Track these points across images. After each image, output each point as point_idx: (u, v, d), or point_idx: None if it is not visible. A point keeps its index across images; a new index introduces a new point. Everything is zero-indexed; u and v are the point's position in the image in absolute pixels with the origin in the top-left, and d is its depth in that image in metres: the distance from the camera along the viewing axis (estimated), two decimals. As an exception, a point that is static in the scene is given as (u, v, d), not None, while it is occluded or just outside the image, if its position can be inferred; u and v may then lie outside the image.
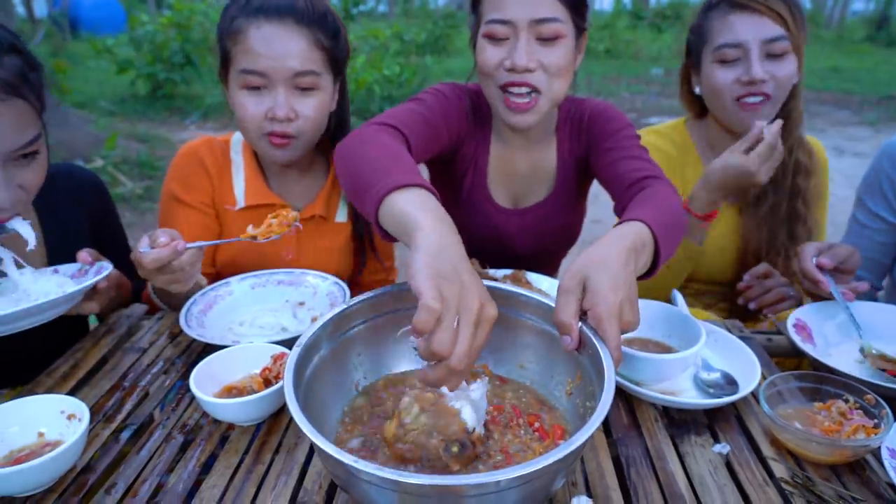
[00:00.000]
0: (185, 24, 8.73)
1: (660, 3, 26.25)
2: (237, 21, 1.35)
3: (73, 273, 1.27)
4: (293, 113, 1.37)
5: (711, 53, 1.54)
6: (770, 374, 1.12)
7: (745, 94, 1.50)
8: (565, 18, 1.29)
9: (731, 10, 1.51)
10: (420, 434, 0.78)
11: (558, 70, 1.31)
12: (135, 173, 5.71)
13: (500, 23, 1.28)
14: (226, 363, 1.06)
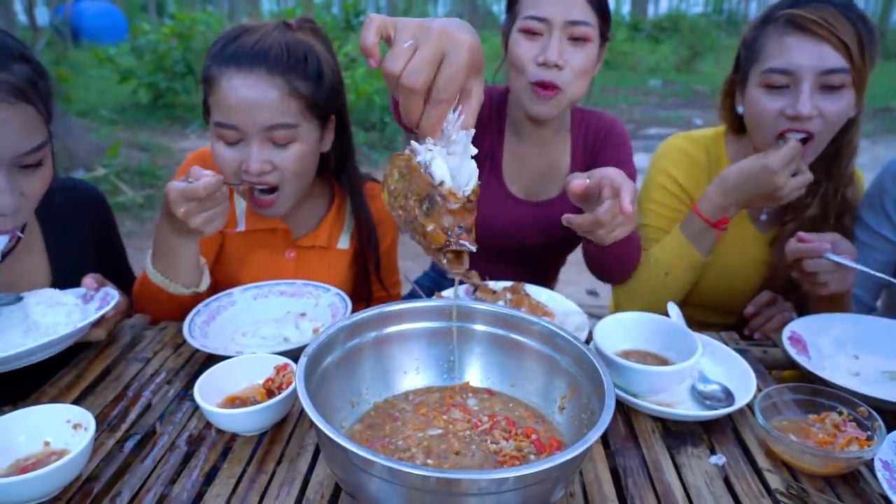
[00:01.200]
0: (187, 34, 8.78)
1: (658, 14, 26.44)
2: (211, 69, 1.32)
3: (78, 298, 1.28)
4: (268, 165, 1.33)
5: (759, 75, 1.38)
6: (766, 386, 1.14)
7: (788, 129, 1.35)
8: (594, 24, 1.45)
9: (789, 30, 1.33)
10: (400, 197, 0.79)
11: (582, 71, 1.46)
12: (136, 182, 5.74)
13: (538, 20, 1.43)
14: (229, 374, 1.07)
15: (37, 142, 1.13)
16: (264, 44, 1.30)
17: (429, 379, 1.03)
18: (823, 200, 1.50)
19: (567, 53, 1.43)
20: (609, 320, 1.18)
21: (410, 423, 0.93)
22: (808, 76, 1.31)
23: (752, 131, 1.45)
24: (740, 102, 1.50)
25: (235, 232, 1.52)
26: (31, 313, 1.21)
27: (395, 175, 0.81)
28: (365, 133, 7.67)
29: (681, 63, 15.64)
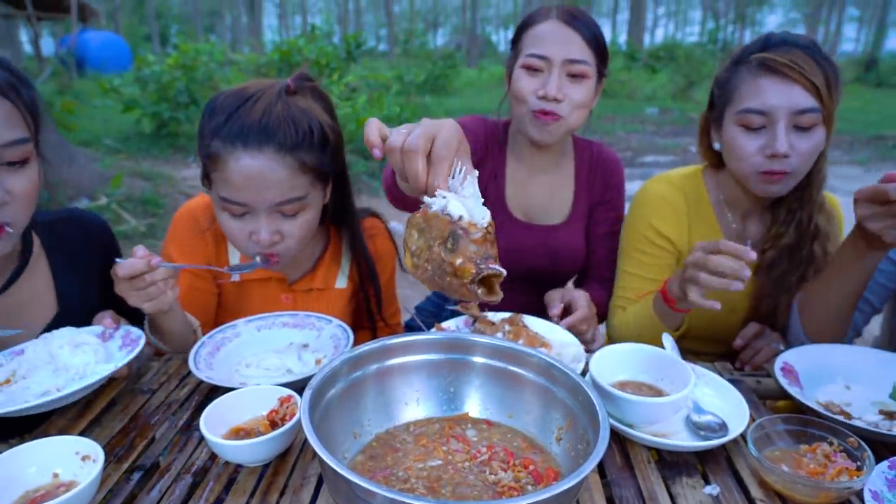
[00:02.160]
0: (191, 66, 8.93)
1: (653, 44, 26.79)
2: (215, 144, 1.28)
3: (97, 336, 1.31)
4: (277, 236, 1.34)
5: (735, 114, 1.44)
6: (759, 416, 1.16)
7: (767, 170, 1.41)
8: (592, 62, 1.58)
9: (762, 72, 1.40)
10: (423, 252, 0.84)
11: (579, 104, 1.59)
12: (138, 211, 5.79)
13: (539, 57, 1.57)
14: (233, 405, 1.09)
15: (16, 136, 1.16)
16: (270, 119, 1.27)
17: (429, 410, 1.06)
18: (798, 229, 1.55)
19: (566, 88, 1.57)
20: (605, 351, 1.21)
21: (411, 454, 0.96)
22: (783, 116, 1.37)
23: (733, 167, 1.51)
24: (717, 139, 1.56)
25: (230, 282, 1.55)
26: (56, 354, 1.23)
27: (414, 234, 0.87)
28: (365, 161, 7.74)
29: (677, 91, 15.87)
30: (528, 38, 1.61)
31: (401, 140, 0.86)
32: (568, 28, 1.56)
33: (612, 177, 1.81)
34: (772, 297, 1.58)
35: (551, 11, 1.60)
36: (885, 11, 25.58)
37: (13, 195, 1.18)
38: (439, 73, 15.59)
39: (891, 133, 10.68)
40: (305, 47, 9.49)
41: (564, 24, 1.56)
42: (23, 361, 1.24)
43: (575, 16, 1.58)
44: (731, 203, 1.64)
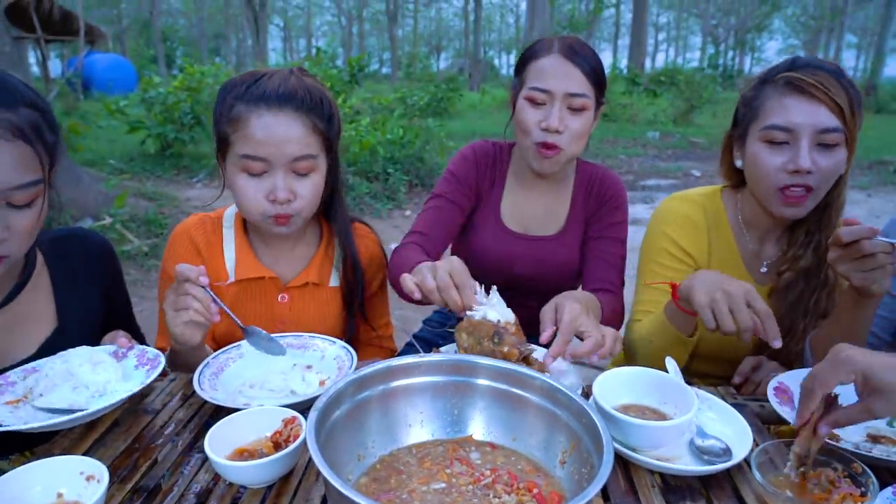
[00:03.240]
0: (196, 87, 9.03)
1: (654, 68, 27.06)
2: (237, 108, 1.41)
3: (110, 355, 1.32)
4: (292, 194, 1.44)
5: (759, 131, 1.47)
6: (763, 441, 1.16)
7: (790, 184, 1.43)
8: (591, 94, 1.67)
9: (788, 91, 1.43)
10: (475, 347, 1.19)
11: (579, 135, 1.68)
12: (142, 231, 5.82)
13: (541, 91, 1.65)
14: (237, 426, 1.10)
15: (27, 179, 1.17)
16: (288, 86, 1.43)
17: (433, 432, 1.06)
18: (816, 251, 1.55)
19: (567, 119, 1.65)
20: (608, 375, 1.21)
21: (415, 477, 0.96)
22: (807, 134, 1.40)
23: (754, 184, 1.53)
24: (739, 157, 1.58)
25: (226, 284, 1.58)
26: (76, 372, 1.24)
27: (464, 336, 1.22)
28: (368, 184, 7.79)
29: (678, 115, 15.98)
30: (531, 71, 1.69)
31: (434, 283, 1.23)
32: (569, 63, 1.63)
33: (610, 191, 1.85)
34: (783, 320, 1.54)
35: (553, 45, 1.67)
36: (882, 39, 25.88)
37: (13, 232, 1.20)
38: (442, 96, 15.74)
39: (891, 158, 10.74)
40: (309, 70, 9.59)
41: (566, 59, 1.64)
42: (39, 378, 1.25)
43: (576, 50, 1.65)
44: (749, 223, 1.65)
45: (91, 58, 18.23)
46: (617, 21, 56.63)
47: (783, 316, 1.57)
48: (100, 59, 19.07)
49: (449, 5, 61.99)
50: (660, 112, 16.47)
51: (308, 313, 1.64)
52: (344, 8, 55.80)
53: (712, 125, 15.14)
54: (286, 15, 59.81)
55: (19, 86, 1.21)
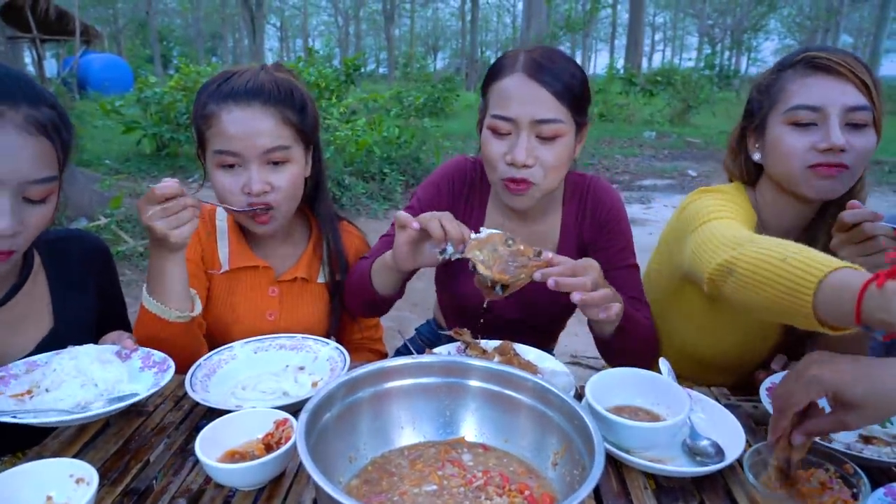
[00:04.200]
0: (192, 87, 9.01)
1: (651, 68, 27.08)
2: (209, 106, 1.46)
3: (114, 355, 1.32)
4: (268, 186, 1.46)
5: (782, 115, 1.39)
6: (755, 442, 1.16)
7: (821, 162, 1.35)
8: (566, 118, 1.39)
9: (810, 72, 1.36)
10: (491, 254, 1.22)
11: (554, 166, 1.41)
12: (136, 231, 5.80)
13: (504, 119, 1.39)
14: (229, 428, 1.09)
15: (45, 174, 1.20)
16: (256, 82, 1.46)
17: (425, 434, 1.05)
18: None
19: (537, 150, 1.39)
20: (601, 376, 1.21)
21: (407, 479, 0.95)
22: (836, 111, 1.33)
23: (779, 170, 1.44)
24: (757, 148, 1.49)
25: (220, 273, 1.62)
26: (85, 369, 1.24)
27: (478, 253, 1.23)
28: (364, 184, 7.78)
29: (674, 115, 16.01)
30: (493, 95, 1.43)
31: (430, 214, 1.26)
32: (534, 83, 1.36)
33: (608, 210, 1.60)
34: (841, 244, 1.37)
35: (517, 62, 1.40)
36: (877, 39, 25.99)
37: (26, 226, 1.21)
38: (438, 96, 15.74)
39: (887, 158, 10.76)
40: (304, 70, 9.59)
41: (530, 79, 1.36)
42: (46, 373, 1.24)
43: (542, 66, 1.37)
44: (766, 223, 1.56)
45: (87, 58, 18.18)
46: (614, 21, 56.72)
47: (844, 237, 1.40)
48: (96, 59, 19.04)
49: (446, 5, 62.03)
50: (656, 112, 16.49)
51: (297, 308, 1.67)
52: (340, 8, 55.77)
53: (709, 125, 15.18)
54: (283, 15, 59.76)
55: (39, 86, 1.25)
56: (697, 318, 1.60)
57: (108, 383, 1.22)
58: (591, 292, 1.19)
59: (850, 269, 0.96)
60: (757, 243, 1.16)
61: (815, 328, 0.99)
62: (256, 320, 1.62)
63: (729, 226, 1.33)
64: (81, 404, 1.18)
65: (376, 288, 1.48)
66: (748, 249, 1.15)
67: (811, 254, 1.03)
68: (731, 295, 1.19)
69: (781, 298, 1.03)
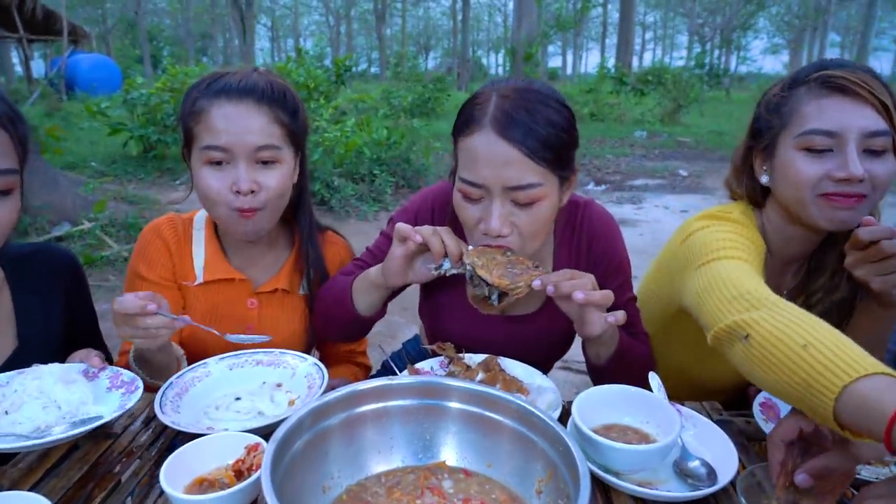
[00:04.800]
0: (179, 88, 8.92)
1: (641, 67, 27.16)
2: (199, 102, 1.41)
3: (80, 374, 1.27)
4: (256, 185, 1.40)
5: (794, 138, 1.28)
6: (748, 461, 1.12)
7: (837, 192, 1.24)
8: (545, 179, 1.20)
9: (825, 93, 1.25)
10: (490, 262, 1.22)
11: (534, 233, 1.26)
12: (121, 236, 5.72)
13: (473, 185, 1.22)
14: (198, 453, 1.03)
15: (6, 166, 1.17)
16: (250, 80, 1.43)
17: (404, 458, 1.00)
18: (850, 281, 1.37)
19: (514, 217, 1.23)
20: (588, 393, 1.16)
21: (383, 510, 0.90)
22: (853, 137, 1.22)
23: (787, 196, 1.34)
24: (765, 172, 1.39)
25: (194, 285, 1.56)
26: (48, 390, 1.18)
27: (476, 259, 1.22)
28: (354, 185, 7.72)
29: (665, 115, 16.02)
30: (462, 152, 1.24)
31: (431, 229, 1.25)
32: (505, 143, 1.16)
33: (604, 242, 1.46)
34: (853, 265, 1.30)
35: (485, 113, 1.20)
36: (865, 37, 26.13)
37: None
38: (430, 96, 15.68)
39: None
40: (294, 71, 9.51)
41: (499, 137, 1.17)
42: (6, 394, 1.19)
43: (514, 119, 1.17)
44: (772, 249, 1.45)
45: (75, 58, 18.01)
46: (604, 20, 56.86)
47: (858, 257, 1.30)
48: (84, 60, 18.84)
49: (437, 4, 61.98)
50: (647, 111, 16.51)
51: (276, 320, 1.61)
52: (332, 7, 55.61)
53: (699, 124, 15.20)
54: (273, 15, 59.54)
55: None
56: (696, 344, 1.48)
57: (72, 405, 1.17)
58: (592, 292, 1.16)
59: (883, 375, 0.83)
60: (776, 312, 1.02)
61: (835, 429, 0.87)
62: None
63: (741, 273, 1.19)
64: (42, 427, 1.12)
65: (357, 308, 1.41)
66: (765, 318, 1.01)
67: (838, 345, 0.89)
68: (736, 362, 1.07)
69: (797, 390, 0.91)
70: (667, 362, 1.59)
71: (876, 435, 0.77)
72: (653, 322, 1.58)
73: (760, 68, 59.36)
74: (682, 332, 1.52)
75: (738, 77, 35.72)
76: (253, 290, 1.59)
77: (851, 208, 1.25)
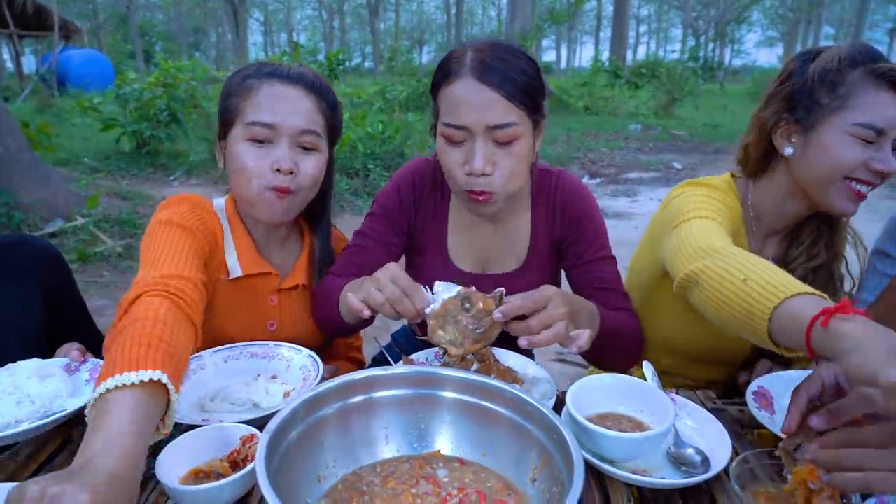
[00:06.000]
0: (172, 84, 8.88)
1: (636, 60, 27.14)
2: (249, 80, 1.42)
3: (61, 368, 1.26)
4: (296, 167, 1.40)
5: (850, 125, 1.31)
6: (742, 448, 1.13)
7: (861, 179, 1.34)
8: (521, 119, 1.30)
9: (883, 86, 1.30)
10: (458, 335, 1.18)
11: (513, 171, 1.34)
12: (115, 231, 5.69)
13: (456, 128, 1.31)
14: (193, 444, 1.03)
15: None
16: (299, 70, 1.46)
17: (399, 448, 1.01)
18: (829, 250, 1.53)
19: (495, 156, 1.32)
20: (583, 383, 1.16)
21: (378, 498, 0.91)
22: (892, 136, 1.31)
23: (814, 175, 1.38)
24: (795, 144, 1.41)
25: (229, 280, 1.48)
26: (22, 385, 1.17)
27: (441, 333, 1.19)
28: (348, 180, 7.71)
29: (659, 108, 16.03)
30: (443, 101, 1.34)
31: (382, 297, 1.17)
32: (484, 87, 1.27)
33: (578, 204, 1.54)
34: None
35: (463, 64, 1.30)
36: (859, 30, 26.20)
37: None
38: (424, 90, 15.65)
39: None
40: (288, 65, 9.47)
41: (479, 83, 1.27)
42: None
43: (490, 66, 1.28)
44: (760, 218, 1.54)
45: (66, 53, 17.87)
46: (598, 13, 56.78)
47: None
48: (75, 55, 18.69)
49: (430, -2, 61.75)
50: (641, 105, 16.51)
51: (297, 316, 1.58)
52: (325, 2, 55.35)
53: (693, 117, 15.21)
54: (266, 9, 59.22)
55: None
56: (681, 311, 1.56)
57: (46, 399, 1.16)
58: (536, 335, 1.13)
59: (809, 295, 0.96)
60: (724, 257, 1.15)
61: (773, 349, 1.01)
62: (258, 332, 1.51)
63: (706, 230, 1.31)
64: (12, 423, 1.11)
65: (343, 316, 1.38)
66: (713, 264, 1.15)
67: (772, 276, 1.03)
68: (696, 306, 1.21)
69: (741, 320, 1.05)
70: (655, 334, 1.63)
71: (801, 345, 0.90)
72: (643, 294, 1.64)
73: (755, 61, 59.46)
74: (668, 300, 1.55)
75: (732, 70, 35.76)
76: (278, 285, 1.55)
77: (864, 199, 1.36)
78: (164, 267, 1.23)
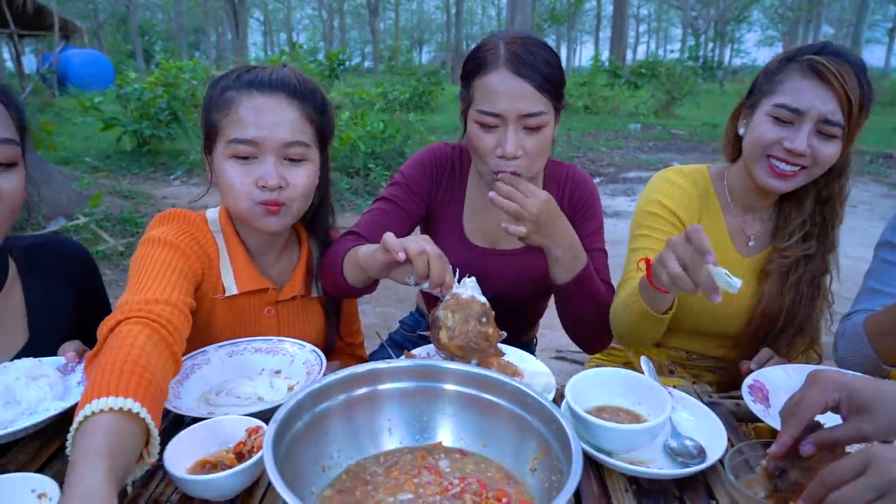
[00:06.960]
0: (173, 83, 8.90)
1: (636, 60, 27.12)
2: (228, 93, 1.36)
3: (57, 368, 1.27)
4: (283, 181, 1.35)
5: (770, 106, 1.48)
6: (737, 440, 1.15)
7: (780, 158, 1.47)
8: (548, 108, 1.45)
9: (808, 74, 1.44)
10: (459, 325, 1.18)
11: (539, 153, 1.48)
12: (117, 230, 5.72)
13: (492, 115, 1.43)
14: (200, 437, 1.06)
15: (6, 135, 1.18)
16: (281, 74, 1.40)
17: (401, 439, 1.03)
18: (822, 241, 1.62)
19: (524, 141, 1.45)
20: (581, 377, 1.19)
21: (381, 488, 0.93)
22: (811, 119, 1.43)
23: (747, 152, 1.56)
24: (744, 125, 1.59)
25: (224, 297, 1.47)
26: (10, 386, 1.18)
27: (449, 315, 1.19)
28: (349, 179, 7.73)
29: (659, 107, 16.04)
30: (478, 89, 1.46)
31: (423, 246, 1.17)
32: (518, 79, 1.40)
33: (583, 196, 1.70)
34: (782, 300, 1.60)
35: (499, 56, 1.43)
36: (858, 29, 26.17)
37: (0, 196, 1.17)
38: (423, 90, 15.67)
39: (868, 147, 10.85)
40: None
41: (514, 75, 1.40)
42: None
43: (524, 60, 1.41)
44: (736, 197, 1.67)
45: (66, 53, 17.90)
46: (598, 13, 56.72)
47: (783, 297, 1.60)
48: (75, 55, 18.74)
49: (430, -2, 61.72)
50: (641, 104, 16.52)
51: (295, 328, 1.57)
52: (325, 1, 55.33)
53: (693, 117, 15.23)
54: (266, 9, 59.19)
55: None
56: None
57: (31, 401, 1.17)
58: None
59: None
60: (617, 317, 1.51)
61: None
62: None
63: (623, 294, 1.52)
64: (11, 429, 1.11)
65: (347, 279, 1.41)
66: None
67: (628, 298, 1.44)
68: None
69: None
70: None
71: None
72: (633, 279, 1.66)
73: (754, 60, 59.40)
74: None
75: (732, 69, 35.75)
76: (275, 298, 1.52)
77: (787, 179, 1.49)
78: (149, 290, 1.20)
